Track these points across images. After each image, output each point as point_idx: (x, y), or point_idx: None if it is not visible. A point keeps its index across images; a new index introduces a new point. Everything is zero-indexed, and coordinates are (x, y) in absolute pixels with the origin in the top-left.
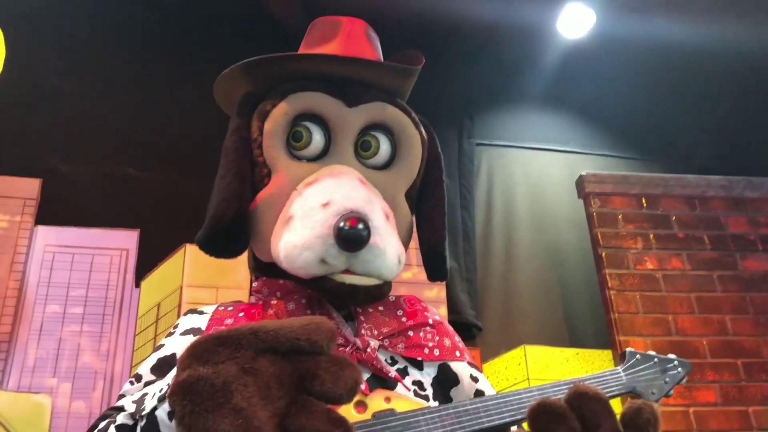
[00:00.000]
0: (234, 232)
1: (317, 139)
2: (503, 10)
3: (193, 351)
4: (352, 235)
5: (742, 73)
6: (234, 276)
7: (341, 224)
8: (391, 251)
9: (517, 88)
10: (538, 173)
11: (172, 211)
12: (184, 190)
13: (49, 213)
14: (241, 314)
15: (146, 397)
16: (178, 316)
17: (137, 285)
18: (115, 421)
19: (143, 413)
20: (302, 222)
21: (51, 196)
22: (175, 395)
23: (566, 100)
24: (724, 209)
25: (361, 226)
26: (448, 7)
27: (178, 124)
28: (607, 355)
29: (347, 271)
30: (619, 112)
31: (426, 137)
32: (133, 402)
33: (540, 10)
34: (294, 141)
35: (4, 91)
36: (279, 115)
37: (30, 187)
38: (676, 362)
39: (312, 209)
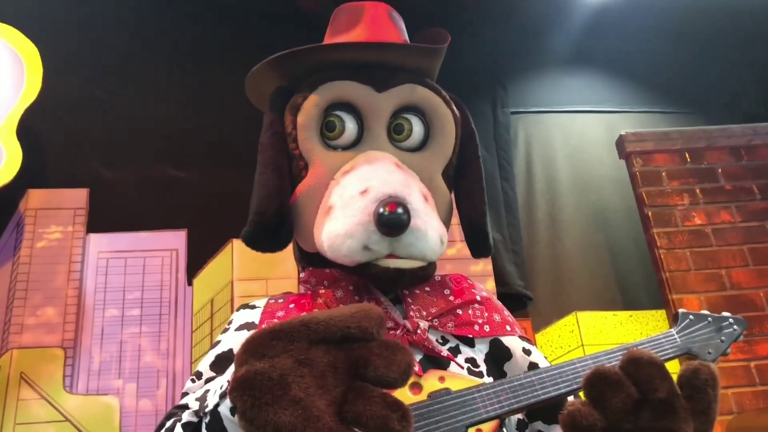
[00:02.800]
0: (277, 226)
1: (350, 126)
2: None
3: (248, 347)
4: (392, 220)
5: None
6: (283, 267)
7: (381, 210)
8: (432, 232)
9: (548, 51)
10: (576, 136)
11: (217, 208)
12: (227, 187)
13: (98, 221)
14: (291, 305)
15: (208, 394)
16: (232, 310)
17: (189, 283)
18: (180, 419)
19: (206, 410)
20: (343, 211)
21: (99, 204)
22: (235, 391)
23: (598, 60)
24: None
25: (400, 210)
26: None
27: (215, 122)
28: (661, 315)
29: (391, 256)
30: (655, 67)
31: (458, 115)
32: (196, 399)
33: None
34: (327, 131)
35: (46, 106)
36: (310, 107)
37: (78, 197)
38: (731, 320)
39: (351, 197)
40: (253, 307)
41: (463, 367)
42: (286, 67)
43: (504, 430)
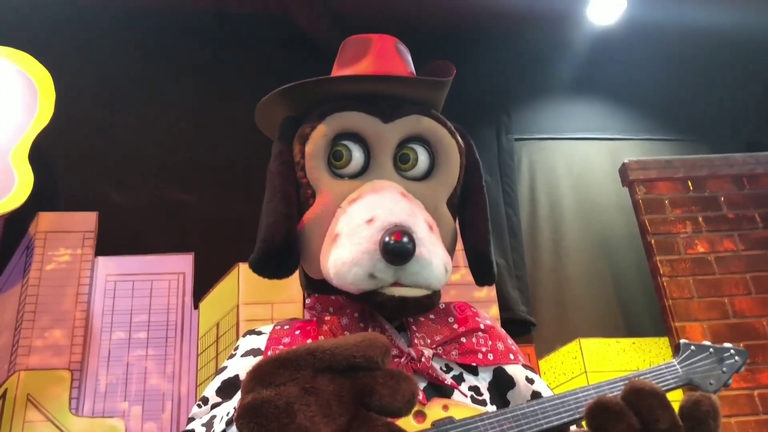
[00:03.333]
0: (284, 253)
1: (357, 156)
2: (532, 1)
3: (255, 374)
4: (398, 249)
5: None
6: (288, 291)
7: (386, 239)
8: (437, 261)
9: (552, 78)
10: (580, 163)
11: (224, 232)
12: (234, 211)
13: (107, 244)
14: (297, 332)
15: (215, 420)
16: (237, 334)
17: (196, 306)
18: None
19: None
20: (349, 239)
21: (108, 227)
22: (242, 418)
23: (602, 87)
24: None
25: (405, 239)
26: (476, 1)
27: (223, 147)
28: (664, 342)
29: (396, 284)
30: (657, 95)
31: (463, 145)
32: (203, 425)
33: None
34: (335, 160)
35: (57, 130)
36: (319, 136)
37: (88, 220)
38: (732, 351)
39: (357, 226)
40: (260, 333)
41: (466, 396)
42: (295, 97)
43: None
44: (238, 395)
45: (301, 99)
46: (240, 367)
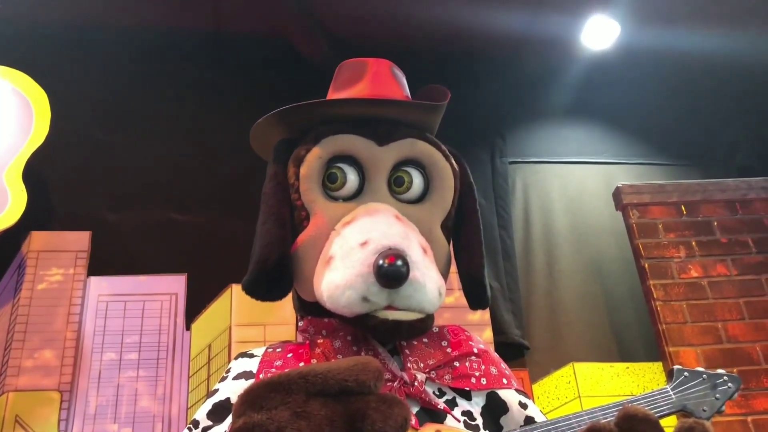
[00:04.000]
0: (278, 275)
1: (352, 179)
2: (527, 26)
3: (246, 398)
4: (391, 272)
5: None
6: (281, 313)
7: (380, 262)
8: (431, 284)
9: (546, 102)
10: (574, 187)
11: (218, 253)
12: (227, 232)
13: (99, 263)
14: (289, 355)
15: None
16: (229, 356)
17: (188, 328)
18: None
19: None
20: (343, 262)
21: (100, 247)
22: None
23: (596, 112)
24: (767, 210)
25: (399, 262)
26: (471, 26)
27: (217, 168)
28: (657, 367)
29: (390, 307)
30: (651, 120)
31: (457, 168)
32: None
33: (564, 24)
34: (329, 182)
35: (50, 150)
36: (313, 159)
37: (80, 239)
38: (725, 377)
39: (351, 249)
40: (252, 355)
41: (459, 420)
42: (290, 120)
43: None
44: (229, 419)
45: (297, 121)
46: (231, 390)
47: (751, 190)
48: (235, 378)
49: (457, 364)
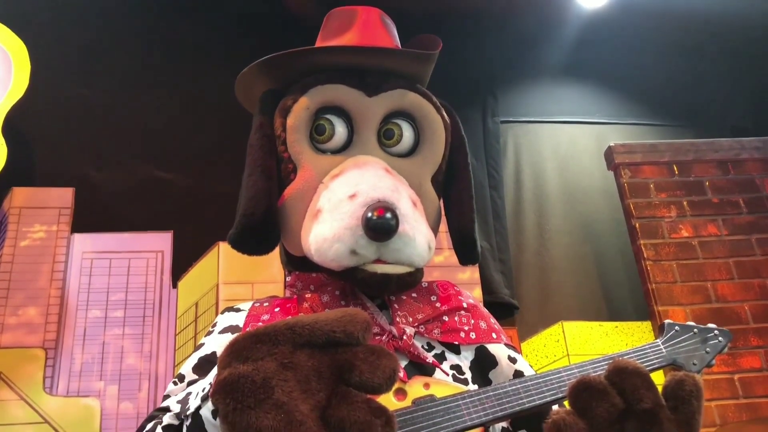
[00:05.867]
0: (264, 229)
1: (340, 131)
2: None
3: (232, 349)
4: (380, 225)
5: None
6: (268, 271)
7: (369, 214)
8: (420, 238)
9: (539, 61)
10: (565, 147)
11: (204, 211)
12: (214, 190)
13: (83, 221)
14: (276, 309)
15: (190, 397)
16: (216, 314)
17: (174, 285)
18: (161, 422)
19: (188, 413)
20: (331, 215)
21: (84, 204)
22: (218, 394)
23: (589, 71)
24: (759, 171)
25: (389, 215)
26: None
27: (203, 125)
28: (646, 326)
29: (378, 261)
30: (645, 79)
31: (449, 121)
32: (178, 402)
33: None
34: (317, 134)
35: (32, 104)
36: (300, 109)
37: (63, 196)
38: (716, 332)
39: (339, 201)
40: (238, 310)
41: (448, 374)
42: (276, 70)
43: None
44: (214, 371)
45: (283, 72)
46: (217, 344)
47: (744, 150)
48: (221, 332)
49: (446, 318)
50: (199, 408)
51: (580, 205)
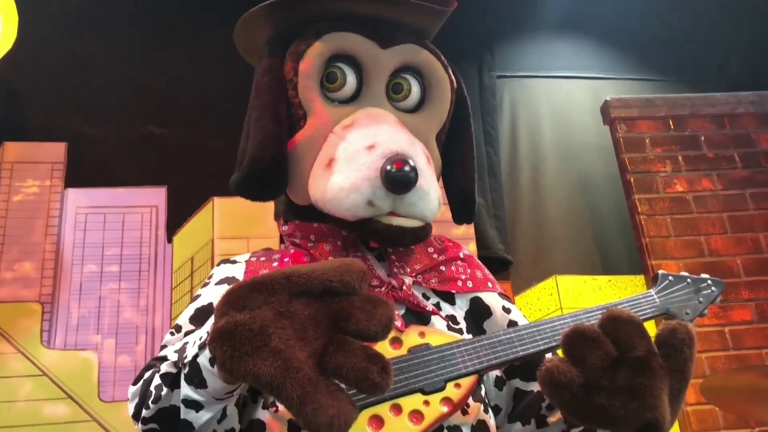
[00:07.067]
0: (271, 175)
1: (350, 80)
2: None
3: (228, 298)
4: (400, 178)
5: None
6: (264, 226)
7: (388, 167)
8: (433, 194)
9: (536, 16)
10: (562, 102)
11: (198, 166)
12: (208, 145)
13: (77, 175)
14: (275, 264)
15: (187, 346)
16: (212, 268)
17: (169, 240)
18: (159, 370)
19: (185, 361)
20: (348, 165)
21: (77, 159)
22: (215, 342)
23: (586, 25)
24: (755, 125)
25: (408, 168)
26: None
27: (196, 80)
28: (639, 280)
29: (392, 213)
30: (642, 34)
31: (455, 80)
32: (175, 351)
33: None
34: (328, 82)
35: (22, 57)
36: (314, 55)
37: (56, 151)
38: (709, 281)
39: (357, 152)
40: (234, 262)
41: (444, 322)
42: (287, 13)
43: (482, 387)
44: (211, 320)
45: (291, 17)
46: (214, 295)
47: (740, 104)
48: (218, 283)
49: (443, 268)
50: (196, 356)
51: (575, 160)
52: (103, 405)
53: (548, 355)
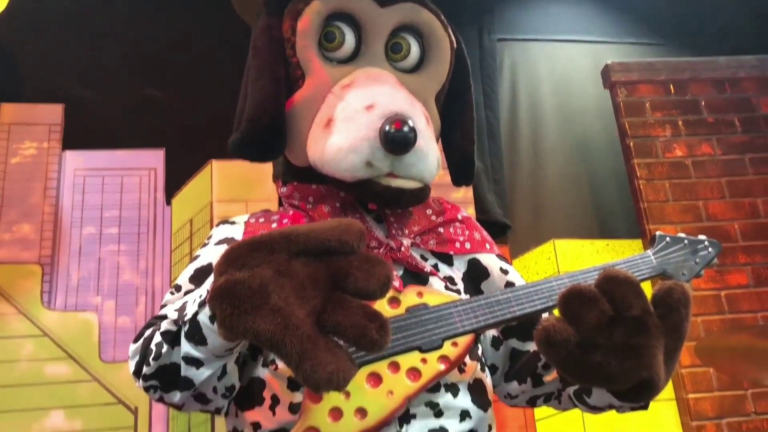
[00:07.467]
0: (271, 134)
1: (349, 39)
2: None
3: (228, 257)
4: (399, 138)
5: None
6: (262, 189)
7: (387, 127)
8: (432, 155)
9: None
10: (562, 66)
11: (196, 129)
12: (206, 108)
13: (74, 137)
14: (274, 225)
15: (187, 304)
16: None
17: (168, 203)
18: (159, 328)
19: (186, 318)
20: (346, 125)
21: (75, 121)
22: (215, 299)
23: None
24: (755, 90)
25: (406, 128)
26: None
27: (196, 42)
28: (637, 244)
29: (391, 175)
30: None
31: (455, 41)
32: (175, 310)
33: None
34: (326, 42)
35: (20, 20)
36: (312, 13)
37: (53, 112)
38: (706, 242)
39: (356, 112)
40: (233, 222)
41: (443, 283)
42: None
43: (479, 346)
44: (210, 279)
45: None
46: (213, 255)
47: (742, 68)
48: (217, 243)
49: (441, 230)
50: (196, 314)
51: (575, 124)
52: (103, 365)
53: (545, 315)
